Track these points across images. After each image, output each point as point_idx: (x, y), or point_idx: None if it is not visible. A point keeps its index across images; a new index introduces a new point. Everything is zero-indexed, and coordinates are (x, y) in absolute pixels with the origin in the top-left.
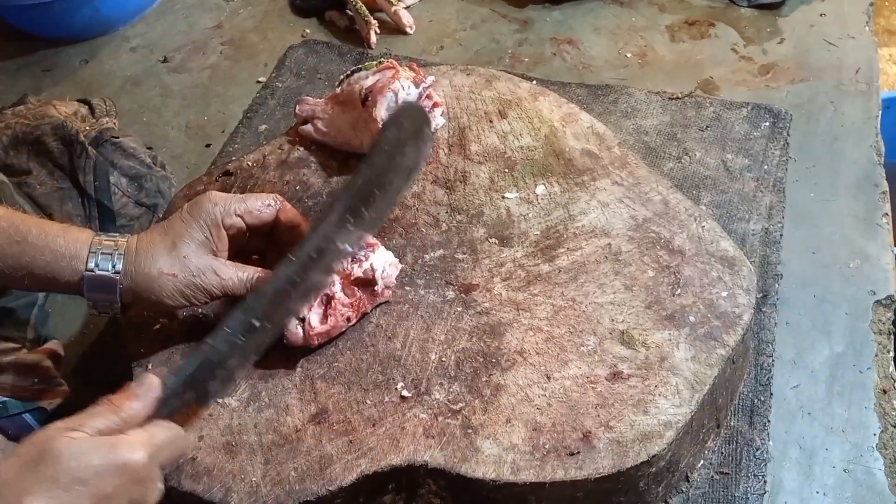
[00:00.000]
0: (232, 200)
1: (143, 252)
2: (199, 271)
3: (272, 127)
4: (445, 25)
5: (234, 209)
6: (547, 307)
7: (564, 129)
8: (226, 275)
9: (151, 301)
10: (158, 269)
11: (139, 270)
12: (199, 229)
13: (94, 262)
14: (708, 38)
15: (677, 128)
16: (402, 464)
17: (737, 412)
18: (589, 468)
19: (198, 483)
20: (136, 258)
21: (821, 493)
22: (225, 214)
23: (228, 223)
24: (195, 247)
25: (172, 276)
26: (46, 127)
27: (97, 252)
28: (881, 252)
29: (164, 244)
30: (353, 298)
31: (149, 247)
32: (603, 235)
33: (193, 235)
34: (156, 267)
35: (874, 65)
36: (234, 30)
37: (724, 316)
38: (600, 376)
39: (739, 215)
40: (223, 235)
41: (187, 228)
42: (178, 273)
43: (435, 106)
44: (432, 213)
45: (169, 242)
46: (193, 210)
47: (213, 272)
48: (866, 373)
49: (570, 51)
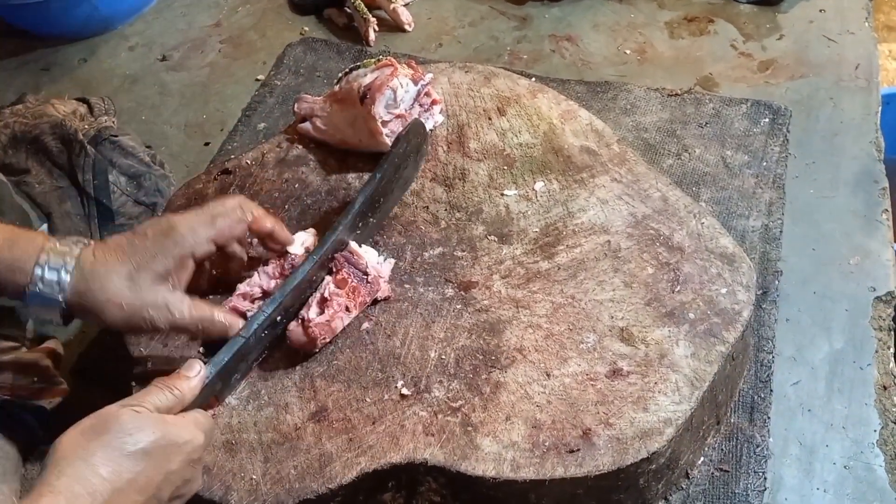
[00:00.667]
0: (202, 228)
1: (95, 273)
2: (151, 305)
3: (271, 125)
4: (444, 23)
5: (207, 237)
6: (546, 304)
7: (563, 126)
8: (177, 312)
9: (96, 320)
10: (107, 296)
11: (87, 291)
12: (163, 261)
13: (38, 278)
14: (707, 34)
15: (676, 124)
16: (402, 461)
17: (737, 409)
18: (589, 465)
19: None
20: (86, 276)
21: (821, 490)
22: (196, 245)
23: (200, 252)
24: (152, 279)
25: (119, 305)
26: (45, 126)
27: (44, 266)
28: (881, 248)
29: (120, 270)
30: (346, 287)
31: (103, 267)
32: (602, 232)
33: (154, 267)
34: (105, 293)
35: (874, 61)
36: (233, 28)
37: (724, 313)
38: (600, 373)
39: (739, 212)
40: (189, 265)
41: (150, 259)
42: (126, 305)
43: (434, 103)
44: (431, 210)
45: (125, 271)
46: (161, 240)
47: (165, 308)
48: (866, 369)
49: (568, 48)
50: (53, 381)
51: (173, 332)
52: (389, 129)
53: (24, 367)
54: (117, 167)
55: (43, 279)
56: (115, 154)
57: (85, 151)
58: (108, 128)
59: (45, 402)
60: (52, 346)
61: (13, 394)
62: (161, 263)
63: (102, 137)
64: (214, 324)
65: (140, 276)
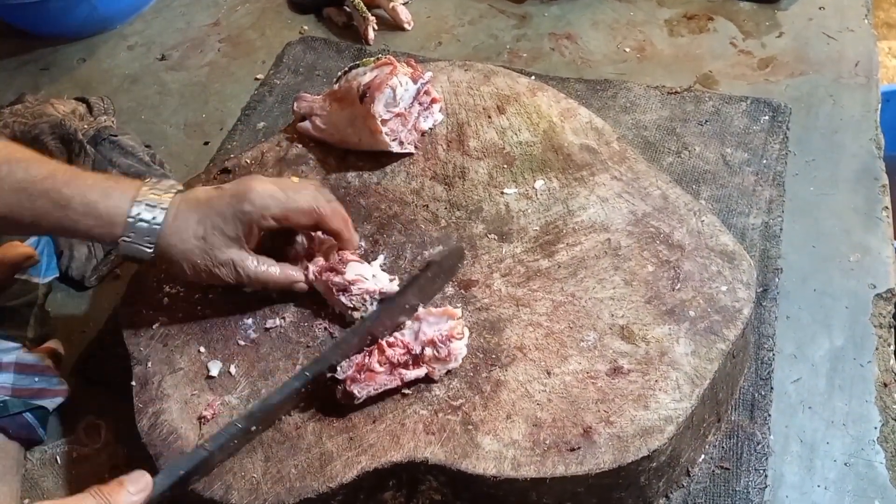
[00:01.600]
0: (272, 205)
1: (176, 229)
2: (220, 262)
3: (270, 124)
4: (443, 21)
5: (272, 214)
6: (546, 303)
7: (563, 124)
8: (243, 269)
9: (172, 271)
10: (182, 254)
11: (167, 245)
12: (234, 224)
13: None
14: (707, 32)
15: (676, 122)
16: (403, 460)
17: (737, 406)
18: (590, 463)
19: (197, 481)
20: (168, 228)
21: (822, 487)
22: (261, 218)
23: (264, 225)
24: (223, 240)
25: (193, 264)
26: (44, 126)
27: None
28: (881, 245)
29: (197, 230)
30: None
31: (183, 223)
32: (602, 230)
33: (226, 230)
34: (181, 250)
35: (873, 58)
36: (232, 27)
37: (724, 310)
38: (600, 371)
39: (739, 209)
40: (255, 232)
41: (223, 221)
42: (200, 261)
43: (433, 102)
44: (431, 209)
45: (202, 229)
46: (235, 203)
47: (232, 265)
48: (867, 366)
49: (568, 46)
50: (54, 381)
51: (241, 286)
52: (389, 128)
53: (26, 367)
54: (117, 167)
55: (135, 229)
56: (114, 154)
57: (84, 151)
58: (108, 127)
59: (45, 402)
60: (52, 346)
61: (14, 393)
62: (231, 227)
63: (102, 137)
64: (283, 282)
65: (212, 237)
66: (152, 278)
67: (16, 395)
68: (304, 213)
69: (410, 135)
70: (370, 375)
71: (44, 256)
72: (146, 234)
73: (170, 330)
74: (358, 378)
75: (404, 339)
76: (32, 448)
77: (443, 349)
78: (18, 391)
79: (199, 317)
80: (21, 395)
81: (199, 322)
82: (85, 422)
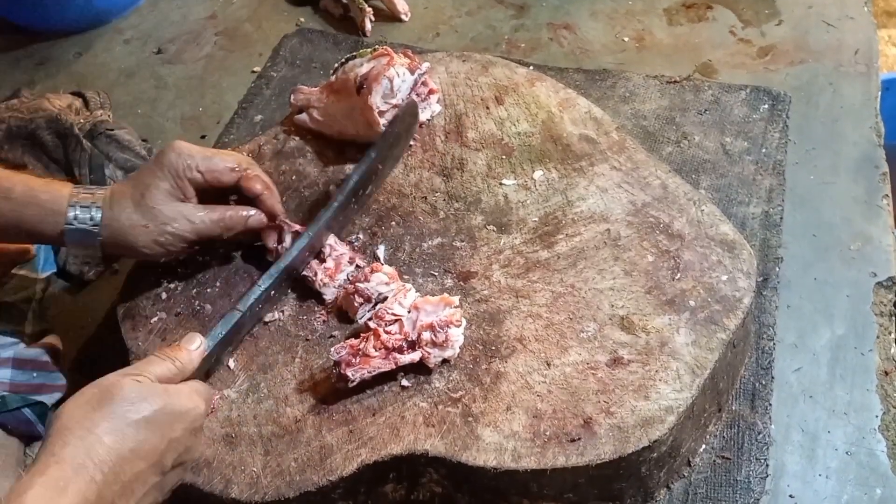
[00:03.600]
0: (196, 155)
1: (117, 203)
2: (169, 219)
3: (267, 117)
4: (441, 12)
5: (196, 165)
6: (546, 294)
7: (562, 114)
8: (196, 218)
9: (130, 251)
10: (130, 221)
11: (113, 223)
12: (165, 178)
13: (73, 216)
14: (706, 20)
15: (676, 112)
16: (403, 453)
17: (738, 396)
18: (590, 454)
19: (198, 475)
20: (110, 210)
21: (823, 476)
22: (186, 168)
23: (189, 176)
24: (163, 196)
25: (144, 227)
26: (41, 120)
27: (76, 205)
28: (882, 234)
29: (133, 196)
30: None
31: (121, 198)
32: (602, 221)
33: (160, 185)
34: (128, 218)
35: (873, 46)
36: (228, 20)
37: (725, 300)
38: (601, 362)
39: (739, 199)
40: (187, 185)
41: (154, 178)
42: (150, 224)
43: (431, 93)
44: (430, 201)
45: (138, 194)
46: (158, 159)
47: (183, 218)
48: (868, 355)
49: (567, 36)
50: (53, 377)
51: (202, 239)
52: (386, 119)
53: (24, 363)
54: (113, 161)
55: (77, 217)
56: (111, 148)
57: (81, 146)
58: (104, 122)
59: (44, 398)
60: (51, 341)
61: (12, 389)
62: (164, 181)
63: (98, 131)
64: (237, 217)
65: (150, 196)
66: (150, 273)
67: (14, 390)
68: (227, 169)
69: None
70: (365, 360)
71: (41, 251)
72: (90, 217)
73: (168, 324)
74: (352, 361)
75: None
76: (32, 444)
77: (441, 334)
78: (17, 386)
79: (197, 311)
80: (20, 391)
81: (197, 316)
82: None
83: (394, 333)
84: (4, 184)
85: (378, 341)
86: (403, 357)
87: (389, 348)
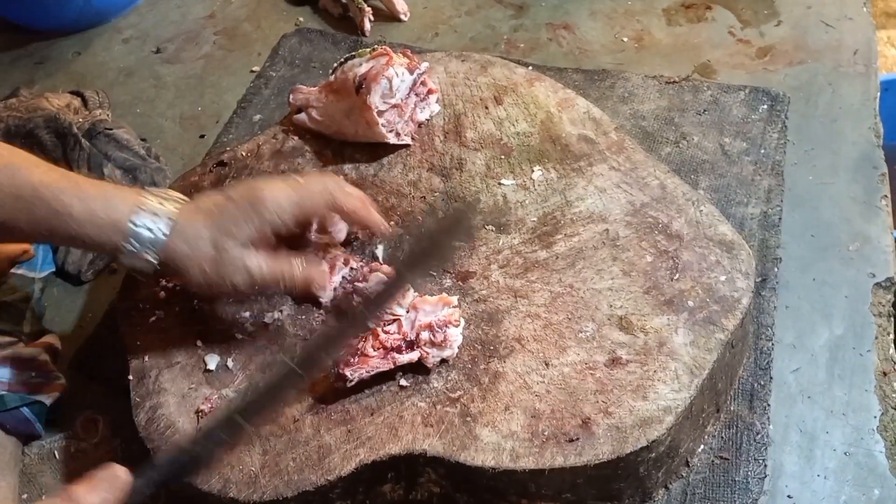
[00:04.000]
0: (287, 205)
1: (185, 236)
2: (234, 270)
3: (266, 116)
4: (440, 12)
5: (291, 215)
6: (545, 294)
7: (561, 114)
8: (258, 274)
9: (182, 281)
10: (193, 260)
11: (175, 252)
12: (246, 230)
13: (133, 237)
14: (705, 21)
15: (674, 112)
16: (401, 453)
17: (737, 396)
18: (588, 454)
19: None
20: (175, 238)
21: (822, 477)
22: (278, 224)
23: (280, 230)
24: (235, 245)
25: (204, 270)
26: (39, 120)
27: (139, 226)
28: (881, 234)
29: (206, 235)
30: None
31: (192, 230)
32: (600, 221)
33: (238, 235)
34: (191, 257)
35: (872, 46)
36: (227, 19)
37: (723, 300)
38: (599, 362)
39: (738, 199)
40: (270, 237)
41: (234, 226)
42: (209, 270)
43: (430, 93)
44: (428, 200)
45: (210, 236)
46: (247, 209)
47: (245, 271)
48: (866, 355)
49: (566, 36)
50: (51, 376)
51: (258, 292)
52: (385, 119)
53: (23, 362)
54: (112, 160)
55: (138, 238)
56: (110, 147)
57: (80, 145)
58: (103, 121)
59: (43, 397)
60: (50, 341)
61: (11, 388)
62: (244, 232)
63: (97, 131)
64: (295, 278)
65: (224, 242)
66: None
67: (13, 390)
68: (322, 203)
69: (407, 126)
70: (363, 359)
71: (39, 251)
72: (149, 244)
73: (167, 324)
74: (351, 361)
75: (400, 327)
76: (30, 443)
77: (439, 333)
78: (15, 386)
79: (196, 310)
80: (18, 390)
81: (196, 316)
82: (82, 416)
83: (392, 333)
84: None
85: (376, 341)
86: (402, 357)
87: (388, 348)
